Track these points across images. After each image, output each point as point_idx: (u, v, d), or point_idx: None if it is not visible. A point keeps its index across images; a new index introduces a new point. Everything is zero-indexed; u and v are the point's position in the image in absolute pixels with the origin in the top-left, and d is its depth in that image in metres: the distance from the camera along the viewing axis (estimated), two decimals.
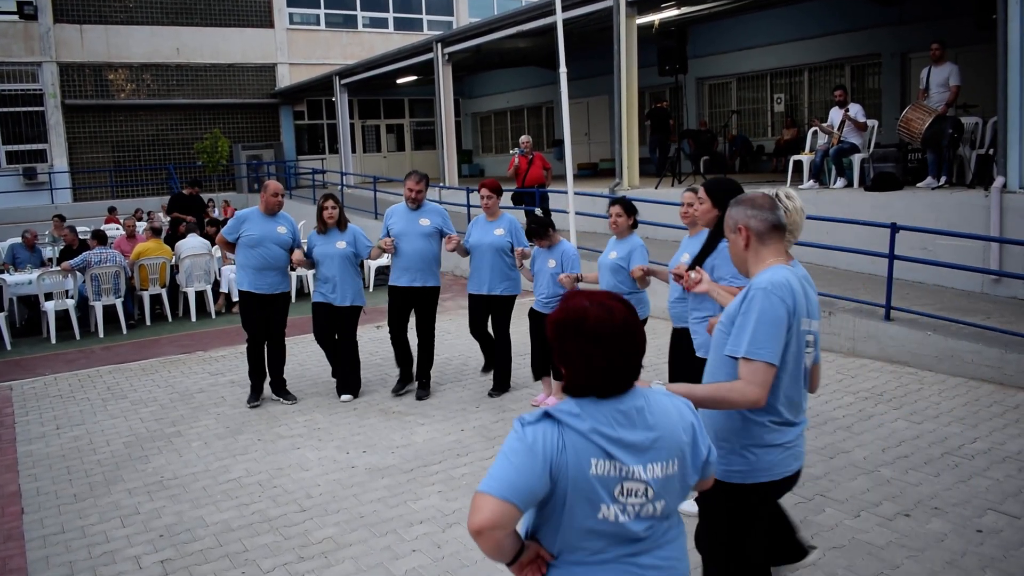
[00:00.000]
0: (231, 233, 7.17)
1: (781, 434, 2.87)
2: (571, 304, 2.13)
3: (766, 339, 2.70)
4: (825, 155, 11.54)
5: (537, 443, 2.01)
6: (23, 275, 11.73)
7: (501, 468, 1.99)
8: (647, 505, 2.09)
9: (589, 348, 2.07)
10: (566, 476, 2.01)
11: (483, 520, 1.94)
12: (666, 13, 14.64)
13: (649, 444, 2.08)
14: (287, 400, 7.39)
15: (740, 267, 2.99)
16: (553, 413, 2.06)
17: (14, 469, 6.08)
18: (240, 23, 26.81)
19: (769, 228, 2.87)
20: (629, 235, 6.10)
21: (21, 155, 24.24)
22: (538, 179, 13.28)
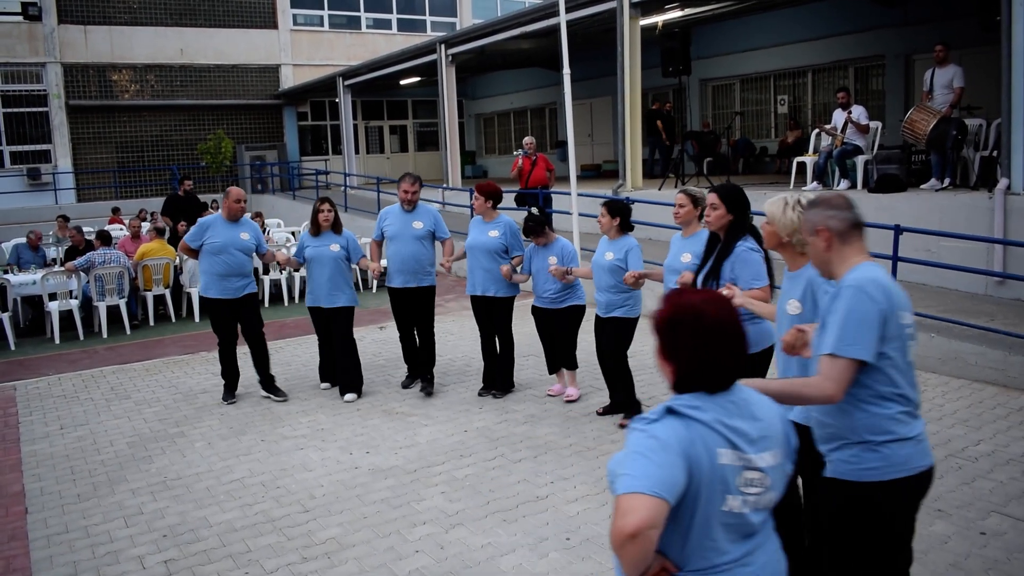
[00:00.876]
0: (195, 240, 7.28)
1: (910, 427, 2.80)
2: (683, 300, 2.16)
3: (854, 336, 2.67)
4: (829, 157, 11.53)
5: (670, 437, 2.00)
6: (27, 275, 11.75)
7: (642, 466, 1.94)
8: (763, 495, 2.11)
9: (705, 343, 2.09)
10: (700, 468, 2.00)
11: (639, 520, 1.86)
12: (670, 14, 14.64)
13: (759, 433, 2.11)
14: (278, 397, 7.48)
15: (823, 269, 2.96)
16: (675, 407, 2.07)
17: (18, 469, 6.10)
18: (244, 24, 26.84)
19: (849, 227, 2.85)
20: (621, 236, 6.29)
21: (25, 155, 24.29)
22: (541, 180, 13.28)
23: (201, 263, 7.35)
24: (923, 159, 10.86)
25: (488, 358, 7.37)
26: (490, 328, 7.32)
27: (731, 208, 4.53)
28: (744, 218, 4.59)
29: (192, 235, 7.34)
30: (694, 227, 5.51)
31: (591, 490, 5.15)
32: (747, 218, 4.62)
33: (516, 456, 5.79)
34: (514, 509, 4.93)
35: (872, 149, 11.49)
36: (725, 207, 4.53)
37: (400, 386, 7.68)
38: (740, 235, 4.53)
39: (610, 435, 6.11)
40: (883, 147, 11.68)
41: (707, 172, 15.49)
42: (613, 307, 6.30)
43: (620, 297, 6.26)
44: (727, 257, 4.51)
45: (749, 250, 4.48)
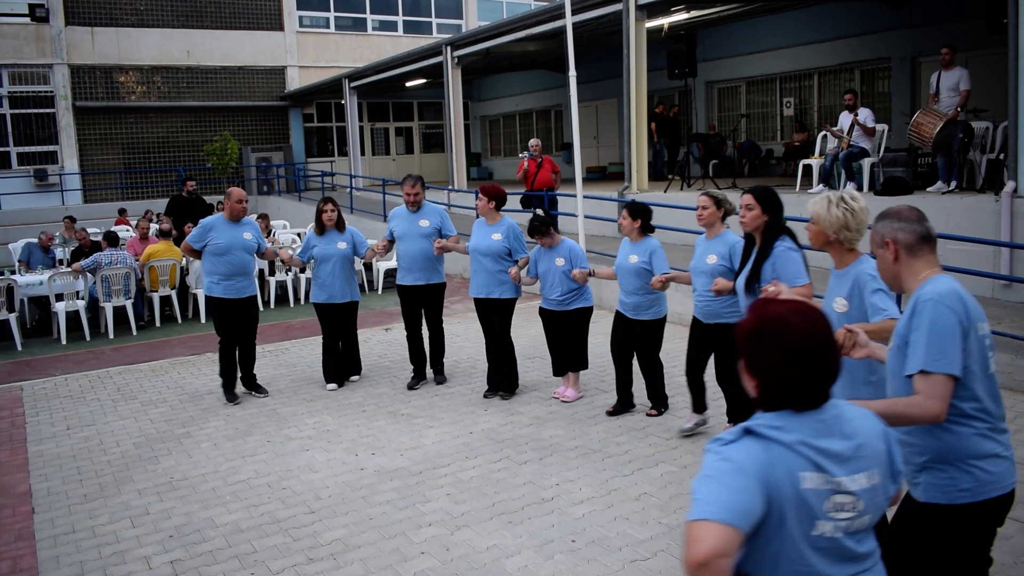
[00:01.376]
0: (198, 241, 7.39)
1: (997, 442, 2.73)
2: (768, 311, 2.03)
3: (942, 351, 2.59)
4: (835, 159, 11.52)
5: (745, 461, 1.88)
6: (34, 276, 11.79)
7: (713, 491, 1.84)
8: (856, 519, 1.98)
9: (793, 358, 1.96)
10: (780, 492, 1.89)
11: (709, 549, 1.75)
12: (675, 17, 14.64)
13: (851, 453, 1.98)
14: (259, 394, 7.67)
15: (891, 282, 2.90)
16: (753, 428, 1.95)
17: (25, 469, 6.12)
18: (250, 26, 26.90)
19: (918, 240, 2.79)
20: (643, 238, 6.33)
21: (32, 157, 24.37)
22: (547, 182, 13.29)
23: (204, 264, 7.45)
24: (929, 162, 10.85)
25: (493, 360, 7.38)
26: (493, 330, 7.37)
27: (766, 209, 4.61)
28: (779, 219, 4.65)
29: (195, 236, 7.42)
30: (718, 228, 5.64)
31: (597, 492, 5.15)
32: (782, 219, 4.69)
33: (522, 458, 5.79)
34: (520, 511, 4.93)
35: (878, 152, 11.48)
36: (760, 208, 4.61)
37: (406, 387, 7.70)
38: (777, 235, 4.61)
39: (615, 437, 6.11)
40: (889, 150, 11.68)
41: (713, 174, 15.48)
42: (641, 310, 6.33)
43: (647, 299, 6.30)
44: (767, 258, 4.57)
45: (788, 249, 4.56)
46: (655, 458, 5.67)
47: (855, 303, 3.40)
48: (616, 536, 4.54)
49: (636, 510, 4.87)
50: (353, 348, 8.00)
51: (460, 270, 13.89)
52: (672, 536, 4.51)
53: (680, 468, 5.47)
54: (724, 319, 5.64)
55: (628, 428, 6.30)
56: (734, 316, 5.61)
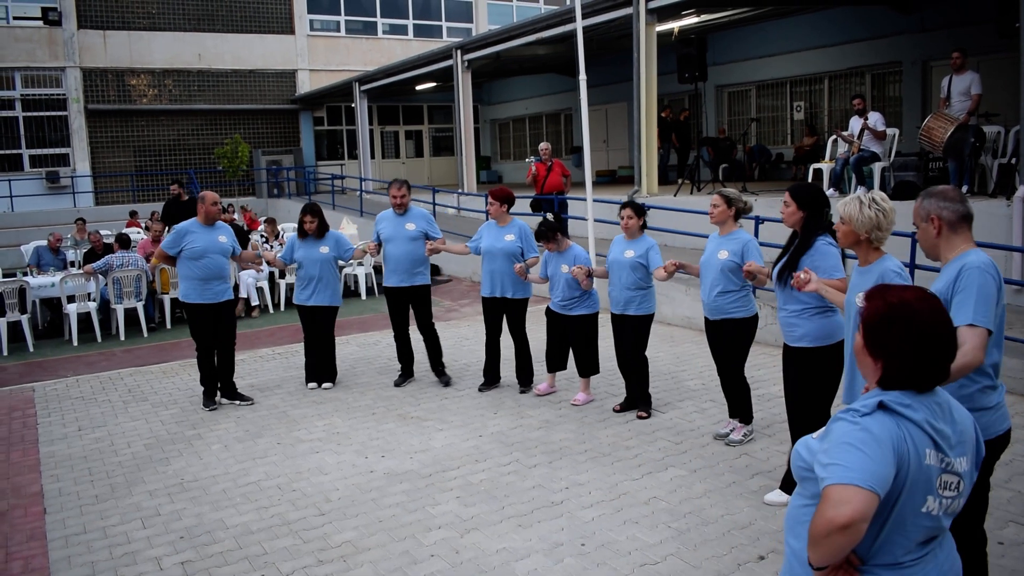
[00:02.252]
0: (173, 247, 7.29)
1: (991, 397, 3.16)
2: (898, 297, 2.15)
3: (986, 309, 3.01)
4: (845, 163, 11.49)
5: (882, 432, 2.01)
6: (46, 278, 11.85)
7: (855, 458, 1.96)
8: (957, 499, 2.12)
9: (919, 342, 2.09)
10: (908, 465, 2.02)
11: (853, 511, 1.89)
12: (686, 21, 14.64)
13: (958, 438, 2.12)
14: (243, 402, 7.56)
15: (930, 252, 3.28)
16: (888, 403, 2.07)
17: (37, 470, 6.14)
18: (261, 29, 27.00)
19: (959, 218, 3.17)
20: (641, 235, 6.54)
21: (44, 159, 24.51)
22: (557, 186, 13.29)
23: (180, 269, 7.33)
24: (940, 166, 10.81)
25: (491, 354, 7.59)
26: (498, 328, 7.52)
27: (801, 205, 4.74)
28: (819, 215, 4.77)
29: (169, 242, 7.33)
30: (730, 226, 5.79)
31: (606, 495, 5.14)
32: (824, 216, 4.79)
33: (531, 461, 5.79)
34: (529, 514, 4.93)
35: (889, 156, 11.45)
36: (796, 204, 4.75)
37: (393, 384, 7.89)
38: (817, 231, 4.72)
39: (625, 440, 6.10)
40: (900, 154, 11.63)
41: (723, 178, 15.46)
42: (630, 304, 6.47)
43: (638, 294, 6.45)
44: (805, 252, 4.70)
45: (827, 244, 4.68)
46: (664, 462, 5.67)
47: None
48: (626, 540, 4.54)
49: (646, 514, 4.86)
50: (328, 354, 7.95)
51: (469, 273, 13.91)
52: (682, 540, 4.50)
53: (690, 472, 5.47)
54: (730, 314, 5.73)
55: (637, 431, 6.30)
56: (740, 311, 5.71)
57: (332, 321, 7.93)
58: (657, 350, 8.40)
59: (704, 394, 7.06)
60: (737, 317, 5.73)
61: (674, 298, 9.98)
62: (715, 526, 4.67)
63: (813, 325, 4.79)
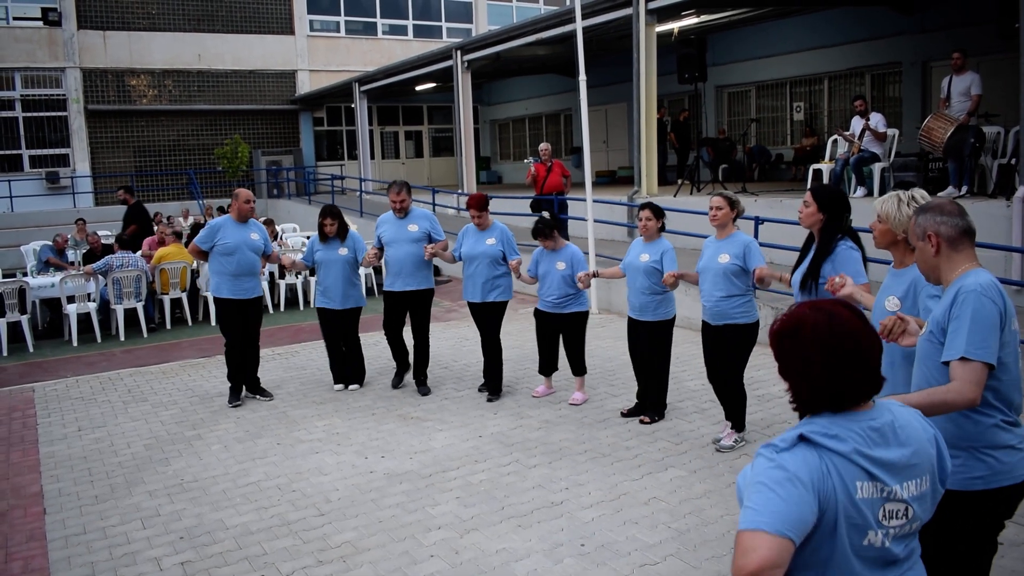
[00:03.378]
0: (206, 242, 7.42)
1: (1013, 434, 2.81)
2: (796, 311, 2.01)
3: (982, 339, 2.68)
4: (845, 164, 11.49)
5: (800, 470, 1.84)
6: (46, 278, 11.85)
7: (766, 501, 1.80)
8: (907, 525, 1.97)
9: (824, 358, 1.93)
10: (835, 503, 1.86)
11: (761, 559, 1.72)
12: (686, 21, 14.64)
13: (906, 462, 1.96)
14: (264, 397, 7.69)
15: (930, 274, 2.96)
16: (809, 436, 1.90)
17: (36, 470, 6.15)
18: (261, 30, 27.00)
19: (960, 234, 2.84)
20: (658, 238, 6.38)
21: (44, 159, 24.51)
22: (557, 187, 13.28)
23: (212, 264, 7.48)
24: (940, 167, 10.80)
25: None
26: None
27: (822, 207, 4.55)
28: (840, 218, 4.61)
29: (203, 237, 7.48)
30: (730, 229, 5.70)
31: (606, 496, 5.15)
32: (845, 220, 4.65)
33: (531, 462, 5.79)
34: (529, 515, 4.93)
35: (889, 156, 11.45)
36: (817, 206, 4.57)
37: (391, 386, 7.85)
38: (838, 235, 4.57)
39: (625, 441, 6.11)
40: (900, 154, 11.63)
41: (722, 179, 15.46)
42: (648, 311, 6.35)
43: (654, 300, 6.32)
44: (828, 256, 4.54)
45: (849, 248, 4.53)
46: (664, 462, 5.67)
47: (908, 303, 3.42)
48: (625, 540, 4.54)
49: (645, 514, 4.86)
50: (356, 355, 7.97)
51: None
52: (681, 541, 4.50)
53: (690, 472, 5.47)
54: (733, 320, 5.67)
55: (637, 432, 6.30)
56: (743, 316, 5.64)
57: (357, 322, 7.91)
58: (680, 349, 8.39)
59: (704, 394, 7.06)
60: (740, 323, 5.66)
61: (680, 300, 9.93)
62: (715, 526, 4.67)
63: None
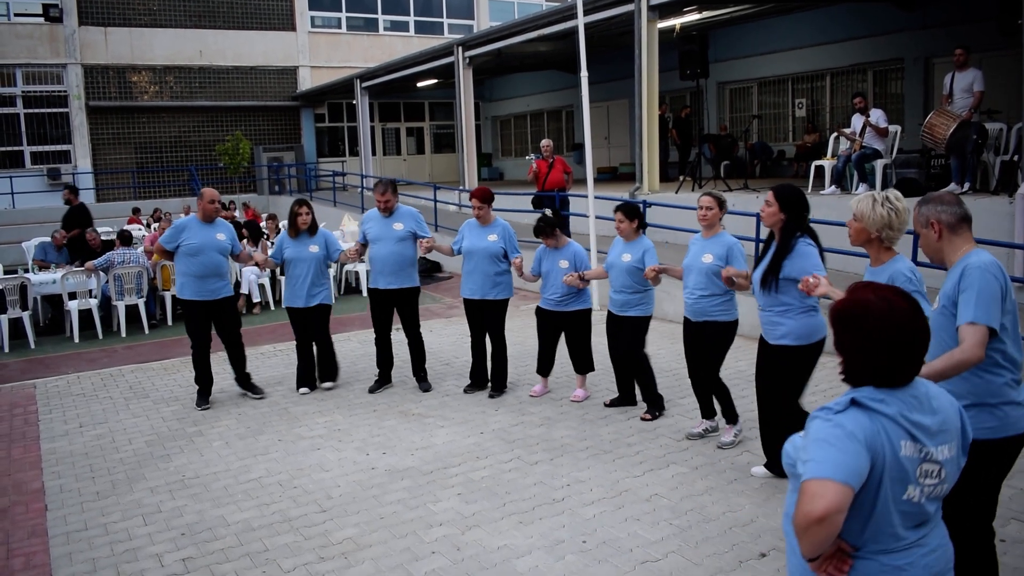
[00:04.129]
0: (170, 242, 7.26)
1: (1019, 392, 3.23)
2: (857, 295, 2.24)
3: (987, 308, 3.08)
4: (847, 160, 11.47)
5: (855, 428, 2.09)
6: (47, 274, 11.85)
7: (828, 454, 2.05)
8: (939, 486, 2.21)
9: (877, 340, 2.16)
10: (882, 459, 2.11)
11: (828, 504, 1.98)
12: (687, 17, 14.62)
13: (938, 427, 2.20)
14: (255, 395, 7.61)
15: (934, 257, 3.35)
16: (860, 400, 2.15)
17: (38, 466, 6.15)
18: (262, 26, 26.99)
19: (958, 220, 3.25)
20: (637, 237, 6.44)
21: (45, 156, 24.52)
22: (559, 183, 13.27)
23: (177, 265, 7.35)
24: (943, 163, 10.79)
25: (477, 356, 7.49)
26: (484, 329, 7.40)
27: (784, 207, 4.75)
28: (800, 218, 4.80)
29: (168, 237, 7.32)
30: (716, 229, 5.73)
31: (608, 492, 5.14)
32: (804, 219, 4.83)
33: (532, 458, 5.79)
34: (530, 511, 4.93)
35: (891, 153, 11.43)
36: (779, 205, 4.76)
37: (367, 391, 7.67)
38: (796, 233, 4.77)
39: (626, 438, 6.10)
40: (902, 151, 11.62)
41: (724, 175, 15.45)
42: (628, 306, 6.41)
43: (635, 297, 6.39)
44: (788, 254, 4.74)
45: (807, 244, 4.74)
46: (666, 459, 5.67)
47: None
48: (627, 537, 4.54)
49: (647, 511, 4.86)
50: (327, 353, 7.79)
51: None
52: (683, 537, 4.50)
53: (691, 469, 5.46)
54: (713, 317, 5.69)
55: (639, 429, 6.29)
56: (723, 315, 5.68)
57: (327, 321, 7.73)
58: (659, 347, 8.40)
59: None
60: (720, 320, 5.69)
61: (675, 296, 9.94)
62: (716, 523, 4.66)
63: (796, 323, 4.85)
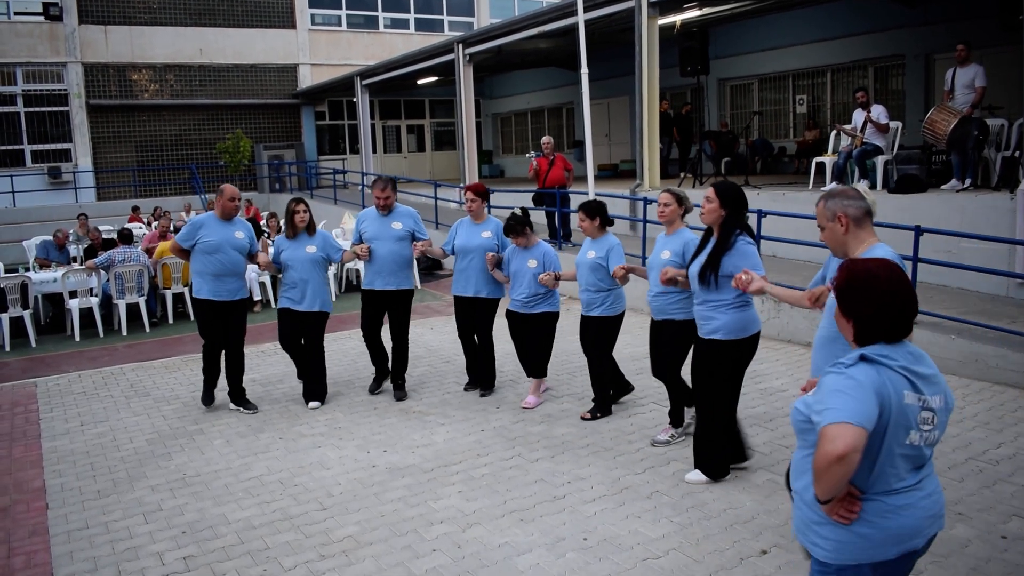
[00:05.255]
0: (187, 240, 6.96)
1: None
2: (859, 266, 2.52)
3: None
4: (848, 157, 11.45)
5: (865, 379, 2.36)
6: (48, 273, 11.86)
7: (844, 400, 2.31)
8: (933, 432, 2.48)
9: (882, 302, 2.44)
10: (889, 406, 2.37)
11: (848, 443, 2.23)
12: (688, 14, 14.58)
13: (933, 377, 2.48)
14: (247, 410, 7.19)
15: (838, 249, 3.46)
16: (867, 355, 2.41)
17: (39, 465, 6.15)
18: (262, 24, 26.97)
19: (863, 214, 3.39)
20: (603, 235, 6.42)
21: (46, 154, 24.51)
22: (559, 180, 13.24)
23: (193, 263, 7.01)
24: (944, 159, 10.78)
25: (470, 354, 7.45)
26: (472, 328, 7.34)
27: (724, 204, 4.84)
28: (739, 215, 4.90)
29: (184, 234, 7.02)
30: (677, 225, 5.75)
31: (608, 490, 5.14)
32: (743, 216, 4.93)
33: (533, 456, 5.79)
34: (531, 509, 4.93)
35: (892, 149, 11.41)
36: (719, 202, 4.84)
37: (368, 391, 7.60)
38: (735, 230, 4.86)
39: (627, 435, 6.10)
40: (903, 147, 11.60)
41: (725, 172, 15.43)
42: (594, 305, 6.36)
43: (601, 295, 6.33)
44: (727, 250, 4.82)
45: (747, 243, 4.86)
46: (667, 456, 5.66)
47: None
48: (628, 534, 4.53)
49: (648, 508, 4.86)
50: (317, 367, 7.28)
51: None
52: (684, 534, 4.50)
53: (692, 466, 5.45)
54: (671, 315, 5.68)
55: (640, 426, 6.29)
56: (680, 313, 5.63)
57: (322, 329, 7.26)
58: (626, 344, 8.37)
59: None
60: (678, 319, 5.63)
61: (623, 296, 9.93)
62: (718, 520, 4.66)
63: (729, 318, 4.92)
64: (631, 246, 10.35)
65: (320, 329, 7.25)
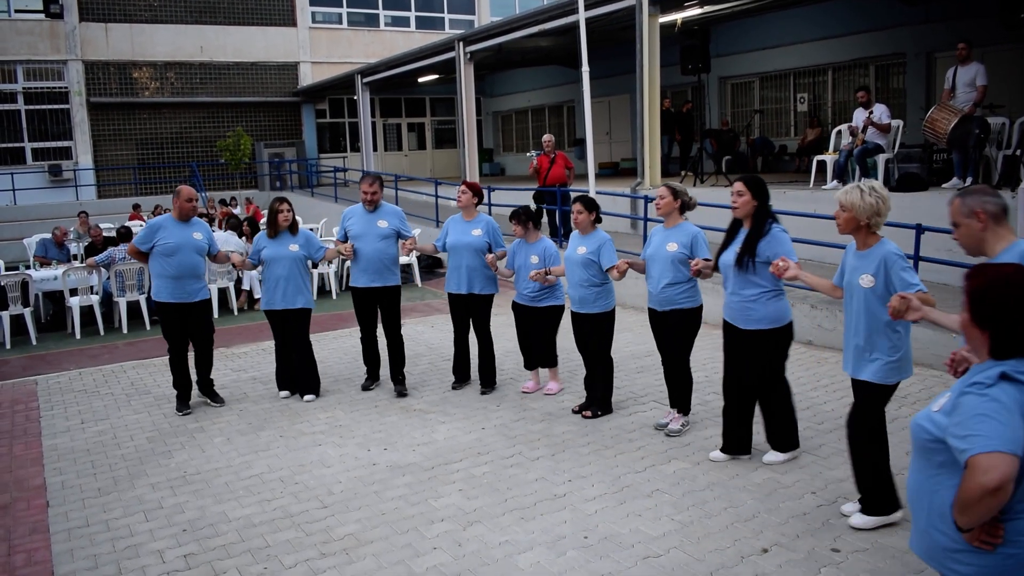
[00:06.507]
0: (145, 243, 6.93)
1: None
2: (997, 272, 2.38)
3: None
4: (849, 155, 11.45)
5: (1009, 400, 2.22)
6: (48, 271, 11.86)
7: (991, 426, 2.17)
8: None
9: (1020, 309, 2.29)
10: None
11: (1002, 475, 2.11)
12: (689, 12, 14.58)
13: None
14: (215, 402, 7.29)
15: (975, 246, 3.40)
16: (1009, 373, 2.26)
17: (39, 463, 6.15)
18: (263, 22, 26.97)
19: (1001, 210, 3.32)
20: (594, 230, 6.46)
21: (47, 152, 24.52)
22: (560, 178, 13.24)
23: (152, 266, 7.00)
24: (945, 158, 10.77)
25: (460, 351, 7.47)
26: (467, 325, 7.39)
27: (756, 195, 5.05)
28: (768, 204, 5.12)
29: (141, 237, 6.98)
30: (676, 219, 5.85)
31: (609, 488, 5.14)
32: (769, 205, 5.14)
33: (534, 454, 5.79)
34: (532, 507, 4.92)
35: (893, 148, 11.40)
36: (751, 194, 5.05)
37: (360, 388, 7.62)
38: (768, 218, 5.09)
39: (628, 434, 6.10)
40: (904, 146, 11.59)
41: (726, 170, 15.43)
42: (586, 303, 6.38)
43: (592, 292, 6.35)
44: (762, 237, 5.03)
45: (782, 231, 5.09)
46: (668, 455, 5.66)
47: (880, 279, 4.10)
48: (628, 533, 4.53)
49: (648, 507, 4.85)
50: (307, 361, 7.36)
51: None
52: (685, 533, 4.49)
53: (693, 465, 5.46)
54: (679, 305, 5.79)
55: (640, 424, 6.29)
56: (688, 302, 5.80)
57: (306, 325, 7.36)
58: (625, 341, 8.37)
59: (707, 387, 7.05)
60: (685, 308, 5.79)
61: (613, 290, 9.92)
62: (718, 519, 4.66)
63: (769, 309, 5.08)
64: (632, 244, 10.35)
65: (305, 325, 7.35)
